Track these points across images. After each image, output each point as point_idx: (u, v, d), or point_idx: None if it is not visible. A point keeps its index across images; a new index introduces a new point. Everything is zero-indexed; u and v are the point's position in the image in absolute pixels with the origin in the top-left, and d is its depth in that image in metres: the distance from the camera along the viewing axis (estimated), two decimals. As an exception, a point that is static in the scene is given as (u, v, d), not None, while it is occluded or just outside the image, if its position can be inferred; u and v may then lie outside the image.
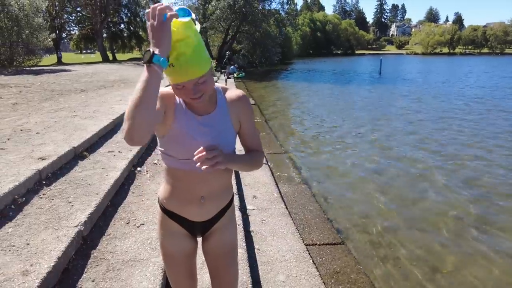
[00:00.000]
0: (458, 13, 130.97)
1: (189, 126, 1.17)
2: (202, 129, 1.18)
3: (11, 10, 15.04)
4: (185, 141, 1.17)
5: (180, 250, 1.32)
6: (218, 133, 1.20)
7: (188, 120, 1.17)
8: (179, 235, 1.31)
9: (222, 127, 1.22)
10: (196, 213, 1.27)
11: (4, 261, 1.93)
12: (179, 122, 1.16)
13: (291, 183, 4.98)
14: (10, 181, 2.67)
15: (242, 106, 1.26)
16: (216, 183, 1.27)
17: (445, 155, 6.62)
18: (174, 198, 1.26)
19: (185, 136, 1.17)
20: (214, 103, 1.22)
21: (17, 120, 5.08)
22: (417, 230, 4.01)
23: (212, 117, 1.20)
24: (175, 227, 1.30)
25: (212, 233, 1.36)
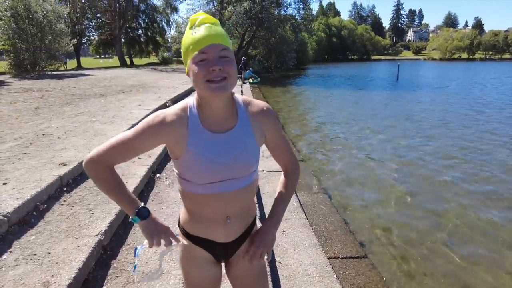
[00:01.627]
0: (478, 17, 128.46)
1: (207, 147, 1.05)
2: (222, 149, 1.06)
3: (36, 17, 15.48)
4: (203, 164, 1.05)
5: (205, 277, 1.23)
6: (240, 151, 1.09)
7: (206, 140, 1.05)
8: (204, 261, 1.22)
9: (245, 144, 1.10)
10: (222, 234, 1.17)
11: (26, 270, 1.90)
12: (195, 144, 1.04)
13: (311, 192, 4.86)
14: (32, 187, 2.66)
15: (267, 120, 1.14)
16: (241, 202, 1.16)
17: (470, 164, 6.37)
18: (197, 222, 1.16)
19: (204, 158, 1.05)
20: (235, 117, 1.10)
21: (39, 124, 5.16)
22: (444, 244, 3.83)
23: (233, 134, 1.08)
24: (199, 252, 1.20)
25: (238, 256, 1.26)
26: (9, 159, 3.37)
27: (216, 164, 1.05)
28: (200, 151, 1.04)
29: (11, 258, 2.00)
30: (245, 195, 1.16)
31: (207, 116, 1.06)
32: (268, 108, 1.16)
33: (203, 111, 1.06)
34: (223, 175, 1.07)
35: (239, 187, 1.11)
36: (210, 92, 0.97)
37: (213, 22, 1.00)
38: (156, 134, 1.04)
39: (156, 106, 6.94)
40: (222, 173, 1.07)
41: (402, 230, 4.08)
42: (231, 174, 1.08)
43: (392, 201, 4.88)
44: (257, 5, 26.92)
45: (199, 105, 1.07)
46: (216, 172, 1.05)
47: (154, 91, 10.15)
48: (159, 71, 22.51)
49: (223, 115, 1.07)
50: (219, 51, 0.97)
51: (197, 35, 0.97)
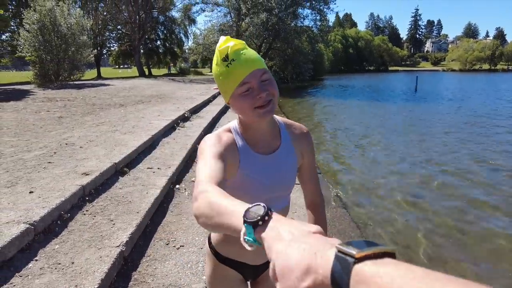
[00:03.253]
0: (499, 28, 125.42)
1: (256, 170, 1.05)
2: (269, 170, 1.06)
3: (60, 30, 16.10)
4: (253, 187, 1.05)
5: None
6: (285, 171, 1.09)
7: (255, 163, 1.05)
8: (233, 281, 1.21)
9: (289, 164, 1.10)
10: (254, 256, 1.15)
11: (51, 279, 1.93)
12: (245, 168, 1.04)
13: (329, 206, 4.78)
14: (57, 196, 2.72)
15: (307, 143, 1.15)
16: None
17: (494, 182, 6.16)
18: (231, 244, 1.14)
19: (253, 182, 1.04)
20: (279, 137, 1.10)
21: (62, 133, 5.30)
22: (467, 262, 3.68)
23: (278, 155, 1.08)
24: (229, 272, 1.19)
25: (265, 275, 1.25)
26: (35, 168, 3.47)
27: (264, 185, 1.05)
28: (250, 173, 1.03)
29: (37, 266, 2.03)
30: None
31: (253, 138, 1.06)
32: (308, 130, 1.17)
33: (248, 134, 1.06)
34: (265, 196, 1.07)
35: (278, 208, 1.10)
36: (260, 118, 0.96)
37: (244, 47, 0.97)
38: (220, 144, 0.99)
39: (175, 117, 7.03)
40: (264, 194, 1.06)
41: (424, 246, 3.95)
42: (272, 195, 1.08)
43: (414, 215, 4.75)
44: (274, 16, 27.20)
45: (244, 131, 1.06)
46: (262, 194, 1.05)
47: (172, 101, 10.31)
48: (177, 82, 22.90)
49: (268, 136, 1.07)
50: (260, 76, 0.95)
51: (235, 66, 0.93)
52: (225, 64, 0.95)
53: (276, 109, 1.02)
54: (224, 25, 31.22)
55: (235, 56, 0.94)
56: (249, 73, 0.93)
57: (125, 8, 31.56)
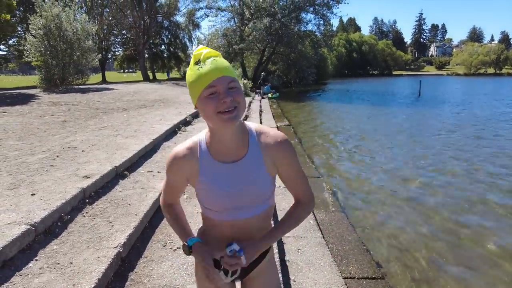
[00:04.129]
0: (505, 32, 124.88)
1: (216, 178, 1.10)
2: (231, 179, 1.10)
3: (66, 35, 16.34)
4: (214, 194, 1.12)
5: None
6: (251, 180, 1.11)
7: (216, 171, 1.10)
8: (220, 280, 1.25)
9: (256, 173, 1.11)
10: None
11: (50, 278, 1.99)
12: (205, 174, 1.11)
13: (328, 210, 4.82)
14: (58, 198, 2.79)
15: (281, 152, 1.13)
16: (254, 229, 1.18)
17: (497, 185, 6.15)
18: (213, 244, 1.20)
19: (215, 188, 1.11)
20: (246, 145, 1.11)
21: (65, 137, 5.39)
22: (466, 267, 3.70)
23: (243, 164, 1.10)
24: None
25: (253, 277, 1.29)
26: (37, 171, 3.55)
27: (226, 193, 1.10)
28: (209, 180, 1.11)
29: (37, 266, 2.10)
30: (257, 222, 1.18)
31: (217, 147, 1.10)
32: (283, 139, 1.14)
33: (213, 142, 1.11)
34: (233, 204, 1.12)
35: (251, 215, 1.14)
36: (222, 123, 1.00)
37: (217, 55, 1.04)
38: (174, 170, 1.17)
39: (176, 121, 7.12)
40: (232, 202, 1.11)
41: (423, 251, 3.97)
42: (241, 203, 1.12)
43: (413, 220, 4.77)
44: (277, 21, 27.38)
45: (210, 138, 1.12)
46: (225, 201, 1.11)
47: (175, 106, 10.42)
48: (181, 86, 23.07)
49: (233, 145, 1.10)
50: (228, 83, 1.00)
51: (205, 70, 0.99)
52: (196, 67, 1.01)
53: (279, 112, 1.10)
54: (227, 29, 31.48)
55: (207, 61, 1.00)
56: (217, 78, 0.99)
57: (130, 13, 31.92)
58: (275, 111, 15.09)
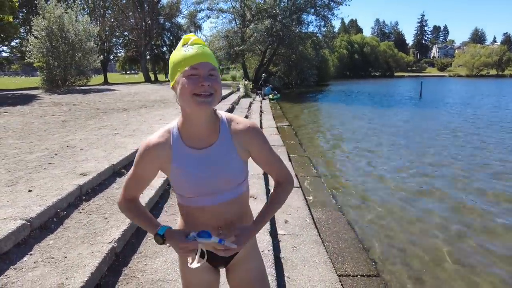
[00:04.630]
0: (507, 33, 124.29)
1: (189, 163, 1.14)
2: (202, 164, 1.14)
3: (68, 36, 16.45)
4: (186, 179, 1.15)
5: (203, 283, 1.30)
6: (223, 165, 1.15)
7: (188, 157, 1.14)
8: (202, 267, 1.26)
9: (227, 158, 1.15)
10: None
11: (43, 272, 2.02)
12: (178, 161, 1.14)
13: (325, 209, 4.83)
14: (54, 195, 2.82)
15: (251, 137, 1.18)
16: (231, 215, 1.22)
17: (494, 186, 6.15)
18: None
19: (186, 173, 1.14)
20: (217, 132, 1.16)
21: (64, 136, 5.44)
22: (462, 265, 3.70)
23: (214, 149, 1.15)
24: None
25: (236, 263, 1.32)
26: (35, 168, 3.59)
27: (198, 178, 1.13)
28: (182, 166, 1.13)
29: (31, 260, 2.13)
30: (233, 208, 1.21)
31: (189, 133, 1.14)
32: (252, 125, 1.20)
33: (185, 129, 1.14)
34: (207, 189, 1.15)
35: (224, 200, 1.17)
36: (195, 105, 1.03)
37: (204, 44, 1.09)
38: (146, 159, 1.16)
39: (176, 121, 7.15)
40: (205, 187, 1.14)
41: (418, 250, 3.98)
42: (214, 188, 1.15)
43: (410, 220, 4.78)
44: (278, 23, 27.43)
45: (182, 124, 1.15)
46: (199, 186, 1.14)
47: (175, 106, 10.46)
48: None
49: (204, 131, 1.14)
50: (209, 70, 1.05)
51: (190, 52, 1.04)
52: (182, 49, 1.07)
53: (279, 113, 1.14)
54: (229, 31, 31.54)
55: (194, 45, 1.06)
56: (201, 62, 1.04)
57: (132, 15, 32.09)
58: (276, 112, 15.11)
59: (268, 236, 3.17)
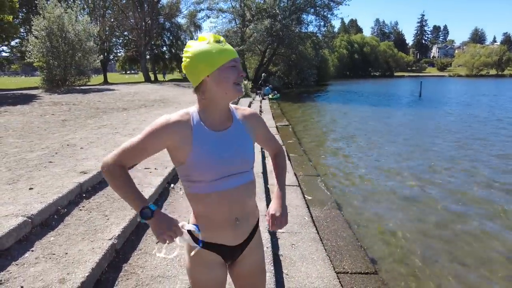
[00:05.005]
0: (507, 33, 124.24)
1: (210, 144, 1.19)
2: (223, 144, 1.21)
3: (68, 36, 16.47)
4: (209, 160, 1.16)
5: (214, 279, 1.31)
6: (239, 146, 1.26)
7: (209, 138, 1.19)
8: (213, 264, 1.30)
9: (241, 140, 1.27)
10: (232, 237, 1.27)
11: (45, 268, 2.05)
12: (200, 141, 1.17)
13: (324, 207, 4.86)
14: (55, 192, 2.85)
15: (255, 120, 1.38)
16: (248, 202, 1.29)
17: (491, 184, 6.18)
18: (208, 228, 1.24)
19: (209, 154, 1.17)
20: (231, 118, 1.29)
21: (65, 135, 5.47)
22: (459, 264, 3.73)
23: (231, 131, 1.26)
24: (209, 256, 1.28)
25: (243, 255, 1.35)
26: (36, 167, 3.62)
27: (220, 158, 1.18)
28: (205, 147, 1.17)
29: (33, 256, 2.16)
30: (247, 193, 1.27)
31: (209, 117, 1.22)
32: (254, 112, 1.40)
33: (206, 114, 1.22)
34: (227, 170, 1.20)
35: (241, 183, 1.24)
36: (235, 92, 1.20)
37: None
38: (162, 133, 1.15)
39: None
40: (225, 167, 1.19)
41: (415, 248, 4.01)
42: (233, 169, 1.21)
43: (408, 219, 4.81)
44: (278, 23, 27.45)
45: (202, 110, 1.23)
46: (220, 167, 1.18)
47: (175, 106, 10.49)
48: (182, 87, 23.18)
49: (224, 116, 1.26)
50: (240, 61, 1.24)
51: (228, 47, 1.19)
52: (219, 44, 1.18)
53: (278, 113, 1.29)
54: (229, 31, 31.55)
55: (226, 43, 1.21)
56: (236, 57, 1.21)
57: (132, 15, 32.10)
58: (275, 112, 15.14)
59: (267, 234, 3.20)
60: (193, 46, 1.19)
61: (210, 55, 1.15)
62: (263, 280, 1.47)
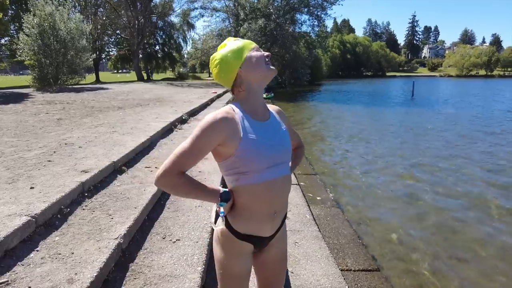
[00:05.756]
0: (495, 34, 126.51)
1: (258, 133, 1.25)
2: (269, 133, 1.29)
3: (60, 34, 16.22)
4: (258, 148, 1.22)
5: (246, 269, 1.37)
6: (282, 135, 1.34)
7: (256, 128, 1.25)
8: (247, 254, 1.36)
9: (282, 130, 1.36)
10: (268, 228, 1.32)
11: (52, 268, 2.01)
12: (248, 134, 1.22)
13: (324, 206, 4.88)
14: (57, 191, 2.80)
15: (282, 115, 1.47)
16: (287, 194, 1.37)
17: (482, 180, 6.27)
18: (248, 220, 1.28)
19: (258, 143, 1.22)
20: (268, 111, 1.38)
21: (61, 134, 5.38)
22: (458, 260, 3.78)
23: (272, 122, 1.34)
24: (245, 247, 1.33)
25: (271, 244, 1.41)
26: (35, 166, 3.55)
27: (268, 146, 1.24)
28: (253, 137, 1.21)
29: (38, 256, 2.11)
30: (287, 185, 1.33)
31: (251, 108, 1.28)
32: (279, 108, 1.50)
33: (248, 105, 1.28)
34: (273, 159, 1.24)
35: (284, 173, 1.30)
36: (270, 70, 1.30)
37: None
38: (212, 132, 1.18)
39: (172, 119, 7.13)
40: (272, 156, 1.24)
41: (416, 245, 4.05)
42: (278, 158, 1.26)
43: (407, 216, 4.85)
44: (272, 22, 27.47)
45: (244, 102, 1.28)
46: (268, 155, 1.23)
47: (170, 105, 10.41)
48: (175, 86, 23.04)
49: (263, 106, 1.34)
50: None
51: (246, 40, 1.33)
52: (238, 40, 1.33)
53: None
54: (222, 30, 31.51)
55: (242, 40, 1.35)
56: (256, 45, 1.35)
57: (124, 13, 31.79)
58: (270, 111, 15.13)
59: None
60: (218, 54, 1.31)
61: (235, 50, 1.28)
62: (284, 268, 1.52)
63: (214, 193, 1.25)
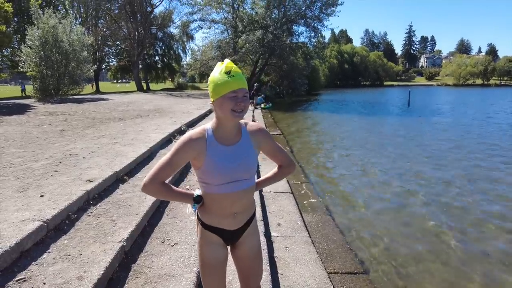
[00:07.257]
0: (491, 44, 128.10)
1: (221, 156, 1.48)
2: (230, 156, 1.50)
3: (62, 46, 16.61)
4: (217, 167, 1.47)
5: (217, 257, 1.61)
6: (245, 158, 1.53)
7: (220, 151, 1.49)
8: (216, 244, 1.61)
9: (247, 152, 1.54)
10: (230, 224, 1.59)
11: (63, 267, 2.25)
12: (212, 155, 1.47)
13: (315, 213, 5.12)
14: (65, 199, 3.05)
15: (262, 135, 1.62)
16: (246, 201, 1.60)
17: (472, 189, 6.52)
18: (212, 215, 1.58)
19: (217, 163, 1.47)
20: (240, 134, 1.56)
21: (65, 145, 5.64)
22: (441, 263, 4.00)
23: (239, 146, 1.53)
24: (213, 237, 1.60)
25: (242, 240, 1.67)
26: (43, 175, 3.80)
27: (226, 167, 1.48)
28: (215, 158, 1.47)
29: (50, 257, 2.36)
30: (247, 195, 1.60)
31: (221, 134, 1.51)
32: (261, 127, 1.66)
33: (218, 131, 1.51)
34: (232, 177, 1.50)
35: (243, 187, 1.54)
36: (232, 117, 1.44)
37: (240, 72, 1.48)
38: (186, 148, 1.46)
39: (171, 130, 7.39)
40: (231, 175, 1.49)
41: (402, 250, 4.27)
42: (239, 175, 1.51)
43: (394, 223, 5.08)
44: (269, 33, 27.99)
45: (216, 127, 1.51)
46: (226, 174, 1.48)
47: (170, 115, 10.69)
48: (175, 96, 23.40)
49: (233, 133, 1.53)
50: (243, 94, 1.45)
51: (233, 80, 1.42)
52: (226, 76, 1.43)
53: (271, 122, 1.54)
54: (221, 41, 31.99)
55: (235, 74, 1.44)
56: (239, 88, 1.44)
57: (125, 25, 32.36)
58: (268, 121, 15.44)
59: (262, 237, 3.43)
60: (213, 71, 1.48)
61: (216, 85, 1.44)
62: (259, 263, 1.76)
63: (189, 196, 1.57)
